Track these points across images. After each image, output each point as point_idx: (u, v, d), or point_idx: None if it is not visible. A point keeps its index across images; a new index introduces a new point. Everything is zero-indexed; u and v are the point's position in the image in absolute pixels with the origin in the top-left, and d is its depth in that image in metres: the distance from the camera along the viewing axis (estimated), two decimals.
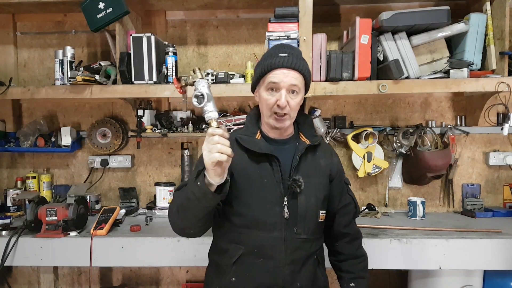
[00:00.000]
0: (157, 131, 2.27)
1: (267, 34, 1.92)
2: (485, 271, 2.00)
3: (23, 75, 2.52)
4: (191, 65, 2.45)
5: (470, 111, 2.34)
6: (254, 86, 1.35)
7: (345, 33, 2.18)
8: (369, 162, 2.30)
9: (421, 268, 1.87)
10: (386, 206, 2.40)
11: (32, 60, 2.52)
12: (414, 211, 2.21)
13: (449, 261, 1.80)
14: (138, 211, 2.36)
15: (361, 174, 2.32)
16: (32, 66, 2.52)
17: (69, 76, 2.11)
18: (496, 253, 1.79)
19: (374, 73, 1.99)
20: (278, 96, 1.24)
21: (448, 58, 2.05)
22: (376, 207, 2.29)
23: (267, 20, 1.96)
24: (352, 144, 2.32)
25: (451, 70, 1.97)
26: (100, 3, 1.99)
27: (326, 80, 2.00)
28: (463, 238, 1.82)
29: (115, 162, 2.47)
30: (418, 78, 1.99)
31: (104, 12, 1.99)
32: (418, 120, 2.41)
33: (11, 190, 2.35)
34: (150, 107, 2.37)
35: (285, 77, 1.23)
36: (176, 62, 2.13)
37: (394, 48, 2.00)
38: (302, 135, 1.38)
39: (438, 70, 2.02)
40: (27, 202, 2.21)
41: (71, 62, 2.18)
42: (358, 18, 1.94)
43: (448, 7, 1.93)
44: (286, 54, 1.26)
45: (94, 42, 2.48)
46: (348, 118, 2.42)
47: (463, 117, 2.39)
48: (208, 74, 2.13)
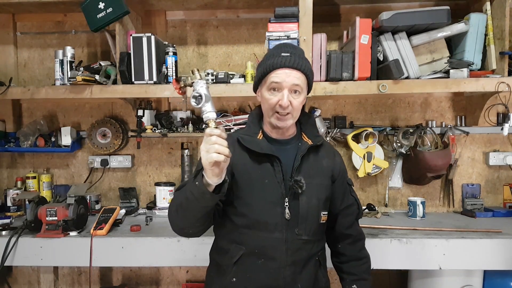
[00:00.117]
0: (157, 131, 2.27)
1: (267, 34, 1.92)
2: (485, 271, 2.00)
3: (23, 75, 2.51)
4: (191, 65, 2.45)
5: (470, 111, 2.34)
6: (256, 86, 1.34)
7: (345, 33, 2.18)
8: (369, 162, 2.30)
9: (421, 268, 1.87)
10: (386, 206, 2.40)
11: (32, 60, 2.51)
12: (414, 211, 2.21)
13: (449, 261, 1.80)
14: (138, 211, 2.36)
15: (361, 174, 2.32)
16: (32, 66, 2.52)
17: (69, 76, 2.10)
18: (496, 253, 1.79)
19: (374, 73, 1.99)
20: (280, 96, 1.23)
21: (448, 58, 2.05)
22: (376, 207, 2.29)
23: (267, 20, 1.96)
24: (352, 144, 2.32)
25: (451, 70, 1.97)
26: (100, 3, 1.99)
27: (326, 80, 2.00)
28: (463, 238, 1.82)
29: (115, 162, 2.47)
30: (418, 78, 1.99)
31: (104, 12, 1.99)
32: (418, 120, 2.41)
33: (11, 190, 2.35)
34: (150, 107, 2.37)
35: (287, 77, 1.22)
36: (176, 62, 2.13)
37: (394, 48, 2.00)
38: (304, 135, 1.36)
39: (438, 70, 2.02)
40: (27, 202, 2.21)
41: (71, 62, 2.17)
42: (358, 18, 1.94)
43: (448, 7, 1.93)
44: (289, 54, 1.24)
45: (94, 42, 2.48)
46: (348, 118, 2.42)
47: (463, 117, 2.39)
48: (208, 74, 2.13)
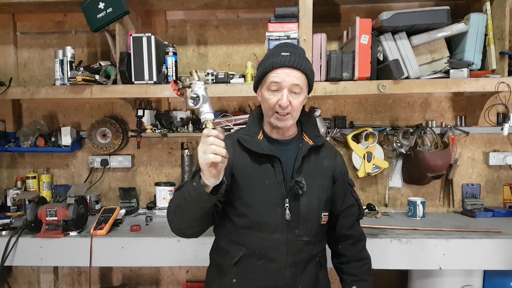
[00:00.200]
0: (157, 131, 2.27)
1: (267, 34, 1.92)
2: (485, 271, 2.00)
3: (23, 75, 2.51)
4: (191, 65, 2.45)
5: (470, 111, 2.34)
6: (256, 86, 1.33)
7: (345, 33, 2.17)
8: (369, 162, 2.30)
9: (421, 268, 1.87)
10: (386, 206, 2.40)
11: (32, 60, 2.51)
12: (414, 211, 2.21)
13: (449, 261, 1.80)
14: (138, 211, 2.36)
15: (361, 174, 2.32)
16: (32, 66, 2.51)
17: (69, 76, 2.10)
18: (496, 253, 1.79)
19: (374, 73, 1.99)
20: (280, 96, 1.22)
21: (448, 58, 2.05)
22: (376, 207, 2.29)
23: (267, 20, 1.96)
24: (352, 144, 2.32)
25: (451, 70, 1.97)
26: (100, 3, 1.99)
27: (326, 80, 2.00)
28: (463, 238, 1.82)
29: (115, 162, 2.47)
30: (418, 78, 1.99)
31: (104, 12, 1.99)
32: (418, 120, 2.41)
33: (11, 190, 2.35)
34: (150, 107, 2.37)
35: (287, 76, 1.21)
36: (176, 62, 2.12)
37: (394, 48, 2.00)
38: (305, 136, 1.35)
39: (438, 70, 2.02)
40: (27, 202, 2.20)
41: (71, 62, 2.17)
42: (358, 18, 1.94)
43: (448, 7, 1.93)
44: (289, 53, 1.23)
45: (94, 42, 2.48)
46: (348, 118, 2.42)
47: (463, 117, 2.39)
48: (208, 74, 2.13)
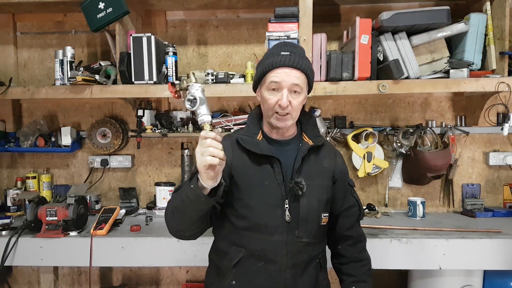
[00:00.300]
0: (157, 131, 2.27)
1: (267, 34, 1.92)
2: (485, 271, 2.00)
3: (23, 75, 2.51)
4: (191, 65, 2.45)
5: (470, 111, 2.34)
6: (256, 85, 1.32)
7: (345, 33, 2.17)
8: (369, 162, 2.30)
9: (421, 268, 1.87)
10: (386, 206, 2.40)
11: (32, 60, 2.51)
12: (414, 211, 2.21)
13: (449, 261, 1.80)
14: (138, 211, 2.36)
15: (361, 174, 2.32)
16: (32, 66, 2.51)
17: (69, 76, 2.10)
18: (496, 253, 1.79)
19: (374, 73, 1.99)
20: (280, 96, 1.21)
21: (448, 58, 2.05)
22: (376, 207, 2.29)
23: (267, 20, 1.96)
24: (352, 144, 2.32)
25: (451, 70, 1.97)
26: (100, 3, 1.99)
27: (326, 80, 2.00)
28: (463, 238, 1.82)
29: (115, 162, 2.47)
30: (418, 78, 1.99)
31: (104, 12, 1.99)
32: (418, 120, 2.41)
33: (11, 190, 2.35)
34: (150, 107, 2.37)
35: (286, 76, 1.20)
36: (176, 62, 2.12)
37: (394, 48, 2.00)
38: (305, 136, 1.34)
39: (438, 70, 2.02)
40: (27, 202, 2.20)
41: (71, 62, 2.17)
42: (358, 18, 1.94)
43: (448, 7, 1.93)
44: (288, 53, 1.22)
45: (94, 42, 2.48)
46: (348, 118, 2.42)
47: (463, 117, 2.39)
48: (208, 74, 2.13)
